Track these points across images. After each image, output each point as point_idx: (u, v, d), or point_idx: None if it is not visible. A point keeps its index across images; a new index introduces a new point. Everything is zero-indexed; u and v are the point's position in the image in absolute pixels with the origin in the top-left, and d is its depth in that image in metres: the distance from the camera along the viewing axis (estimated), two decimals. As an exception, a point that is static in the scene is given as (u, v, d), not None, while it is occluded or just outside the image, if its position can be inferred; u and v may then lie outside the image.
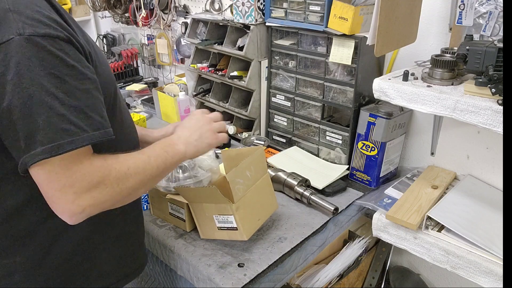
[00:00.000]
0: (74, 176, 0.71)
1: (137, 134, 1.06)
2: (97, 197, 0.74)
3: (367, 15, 1.37)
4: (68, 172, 0.71)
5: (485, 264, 1.09)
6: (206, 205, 1.14)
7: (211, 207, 1.12)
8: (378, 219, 1.30)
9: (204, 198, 1.13)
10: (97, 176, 0.74)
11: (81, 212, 0.73)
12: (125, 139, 0.96)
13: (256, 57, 1.69)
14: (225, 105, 1.87)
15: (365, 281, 1.63)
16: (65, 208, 0.72)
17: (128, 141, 0.98)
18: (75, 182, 0.71)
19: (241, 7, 1.64)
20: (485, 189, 1.38)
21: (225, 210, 1.10)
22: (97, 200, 0.74)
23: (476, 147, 1.40)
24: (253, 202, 1.16)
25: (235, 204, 1.08)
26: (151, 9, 2.32)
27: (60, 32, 0.71)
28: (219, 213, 1.12)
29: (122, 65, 2.58)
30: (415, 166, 1.58)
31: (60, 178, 0.70)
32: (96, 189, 0.73)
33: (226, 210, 1.10)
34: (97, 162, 0.75)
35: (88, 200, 0.73)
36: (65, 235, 0.88)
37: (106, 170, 0.75)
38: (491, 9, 1.16)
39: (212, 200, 1.11)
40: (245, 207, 1.12)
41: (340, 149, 1.56)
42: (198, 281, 1.14)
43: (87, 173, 0.72)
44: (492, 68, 0.98)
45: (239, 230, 1.12)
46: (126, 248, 1.02)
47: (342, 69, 1.48)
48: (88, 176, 0.72)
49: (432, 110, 1.11)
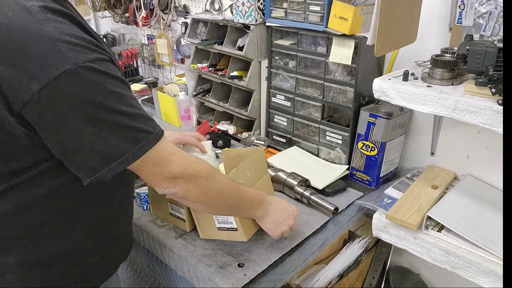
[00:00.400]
0: (171, 164, 0.84)
1: None
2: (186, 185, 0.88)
3: (367, 15, 1.37)
4: (165, 161, 0.83)
5: (485, 264, 1.09)
6: None
7: None
8: (378, 219, 1.30)
9: None
10: (191, 169, 0.87)
11: (174, 189, 0.87)
12: None
13: (256, 57, 1.69)
14: (225, 105, 1.87)
15: (365, 281, 1.63)
16: (162, 185, 0.86)
17: None
18: (172, 169, 0.84)
19: (241, 7, 1.64)
20: (485, 189, 1.38)
21: None
22: (185, 187, 0.88)
23: (476, 147, 1.40)
24: None
25: None
26: (151, 9, 2.32)
27: (103, 54, 0.76)
28: None
29: (122, 65, 2.58)
30: (415, 166, 1.58)
31: (159, 166, 0.83)
32: (188, 179, 0.87)
33: None
34: (190, 158, 0.89)
35: (180, 184, 0.87)
36: (61, 238, 0.89)
37: (199, 167, 0.89)
38: (491, 9, 1.16)
39: None
40: None
41: (340, 149, 1.56)
42: (198, 281, 1.14)
43: (181, 164, 0.85)
44: (492, 68, 0.98)
45: (239, 230, 1.12)
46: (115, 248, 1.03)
47: (342, 69, 1.48)
48: (182, 166, 0.86)
49: (432, 110, 1.11)
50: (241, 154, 1.24)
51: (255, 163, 1.16)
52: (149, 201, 1.33)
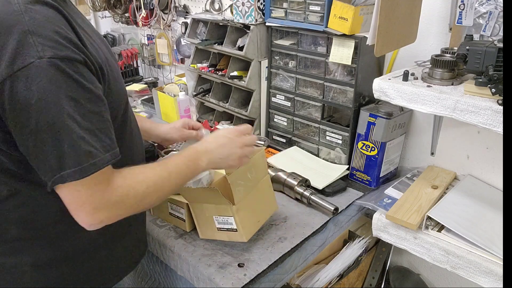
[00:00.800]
0: (94, 195, 0.76)
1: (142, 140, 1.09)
2: (114, 213, 0.80)
3: (367, 15, 1.37)
4: (89, 191, 0.75)
5: (485, 264, 1.09)
6: (206, 206, 1.13)
7: (211, 207, 1.12)
8: (378, 219, 1.30)
9: (204, 198, 1.13)
10: (115, 196, 0.79)
11: (99, 223, 0.79)
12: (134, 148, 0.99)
13: (256, 57, 1.69)
14: (225, 105, 1.87)
15: (365, 281, 1.63)
16: (85, 219, 0.78)
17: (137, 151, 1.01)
18: (94, 200, 0.76)
19: (241, 7, 1.64)
20: (485, 189, 1.38)
21: (225, 211, 1.10)
22: (114, 214, 0.80)
23: (476, 147, 1.40)
24: (253, 204, 1.16)
25: (235, 205, 1.08)
26: (151, 9, 2.32)
27: (77, 54, 0.73)
28: (219, 214, 1.12)
29: (122, 65, 2.58)
30: (415, 166, 1.58)
31: (81, 196, 0.75)
32: (114, 207, 0.79)
33: (226, 211, 1.10)
34: (117, 182, 0.80)
35: (106, 214, 0.79)
36: (73, 237, 0.89)
37: (125, 191, 0.80)
38: (491, 9, 1.16)
39: (212, 201, 1.11)
40: (246, 208, 1.12)
41: (340, 149, 1.56)
42: (198, 281, 1.14)
43: (106, 192, 0.77)
44: (492, 68, 0.98)
45: (239, 231, 1.12)
46: (125, 245, 1.03)
47: (342, 69, 1.48)
48: (107, 195, 0.77)
49: (432, 110, 1.11)
50: None
51: (256, 164, 1.16)
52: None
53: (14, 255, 0.86)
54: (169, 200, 1.24)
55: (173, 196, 1.23)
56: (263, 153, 1.22)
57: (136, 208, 0.85)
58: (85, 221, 0.78)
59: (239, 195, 1.09)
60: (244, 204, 1.12)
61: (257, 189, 1.17)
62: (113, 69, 0.87)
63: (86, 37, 0.79)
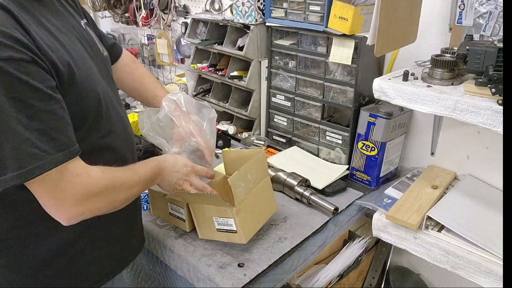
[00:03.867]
0: (75, 187, 0.77)
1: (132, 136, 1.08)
2: (94, 204, 0.82)
3: (367, 15, 1.37)
4: (69, 184, 0.77)
5: (485, 264, 1.09)
6: (206, 206, 1.13)
7: (211, 208, 1.12)
8: (378, 219, 1.30)
9: (204, 200, 1.13)
10: (96, 187, 0.81)
11: (79, 215, 0.81)
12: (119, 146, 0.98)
13: (256, 57, 1.69)
14: (225, 105, 1.87)
15: (365, 281, 1.63)
16: (65, 213, 0.79)
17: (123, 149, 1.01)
18: (76, 192, 0.78)
19: (241, 7, 1.64)
20: (485, 189, 1.38)
21: (225, 212, 1.10)
22: (94, 207, 0.82)
23: (476, 147, 1.40)
24: (253, 205, 1.16)
25: (235, 207, 1.08)
26: (151, 9, 2.32)
27: (23, 53, 0.70)
28: (219, 215, 1.12)
29: (122, 65, 2.58)
30: (415, 166, 1.58)
31: (62, 189, 0.76)
32: (94, 198, 0.81)
33: (226, 213, 1.10)
34: (95, 174, 0.82)
35: (87, 206, 0.80)
36: (50, 238, 0.89)
37: (105, 182, 0.83)
38: (491, 9, 1.16)
39: (213, 202, 1.11)
40: (246, 210, 1.12)
41: (340, 149, 1.56)
42: (198, 281, 1.14)
43: (87, 184, 0.79)
44: (492, 68, 0.98)
45: (238, 233, 1.12)
46: (111, 249, 1.03)
47: (342, 69, 1.48)
48: (88, 187, 0.79)
49: (432, 110, 1.11)
50: (241, 155, 1.24)
51: (256, 166, 1.16)
52: (149, 201, 1.33)
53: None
54: (169, 200, 1.24)
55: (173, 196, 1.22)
56: (263, 154, 1.22)
57: (112, 203, 0.87)
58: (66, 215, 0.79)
59: (239, 196, 1.09)
60: (244, 206, 1.12)
61: (257, 190, 1.17)
62: (87, 68, 0.86)
63: (46, 36, 0.77)
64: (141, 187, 0.95)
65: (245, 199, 1.11)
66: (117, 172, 0.88)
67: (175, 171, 1.08)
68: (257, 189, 1.17)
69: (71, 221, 0.80)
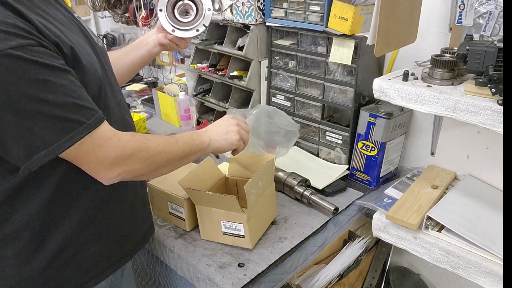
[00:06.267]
0: (107, 151, 0.81)
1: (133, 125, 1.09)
2: (129, 165, 0.85)
3: (367, 15, 1.37)
4: (101, 148, 0.80)
5: (485, 264, 1.09)
6: (216, 210, 1.13)
7: (221, 212, 1.13)
8: (378, 219, 1.30)
9: (215, 203, 1.13)
10: (127, 149, 0.84)
11: (116, 176, 0.84)
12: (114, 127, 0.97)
13: (256, 57, 1.69)
14: (225, 105, 1.87)
15: (365, 281, 1.63)
16: (104, 175, 0.84)
17: None
18: (109, 155, 0.82)
19: (241, 7, 1.64)
20: (485, 189, 1.38)
21: (235, 217, 1.11)
22: (129, 168, 0.85)
23: (476, 147, 1.40)
24: (260, 211, 1.17)
25: (247, 214, 1.09)
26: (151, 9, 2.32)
27: (29, 39, 0.73)
28: (228, 219, 1.13)
29: (122, 65, 2.58)
30: (415, 166, 1.58)
31: (96, 154, 0.80)
32: (128, 159, 0.84)
33: (236, 218, 1.11)
34: (125, 137, 0.85)
35: (122, 167, 0.84)
36: (57, 229, 0.89)
37: (136, 144, 0.86)
38: (491, 9, 1.16)
39: (224, 207, 1.11)
40: (255, 216, 1.13)
41: (340, 149, 1.56)
42: (198, 281, 1.14)
43: (118, 147, 0.83)
44: (492, 68, 0.98)
45: (246, 238, 1.13)
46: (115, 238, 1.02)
47: (342, 69, 1.48)
48: (119, 149, 0.83)
49: (432, 110, 1.11)
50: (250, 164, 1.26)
51: (266, 173, 1.17)
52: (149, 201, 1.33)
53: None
54: (169, 200, 1.24)
55: (173, 194, 1.22)
56: (273, 161, 1.22)
57: (149, 164, 0.88)
58: (104, 176, 0.83)
59: (251, 203, 1.10)
60: (254, 212, 1.13)
61: (264, 197, 1.18)
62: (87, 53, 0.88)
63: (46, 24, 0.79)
64: (182, 150, 0.96)
65: (255, 205, 1.12)
66: (150, 136, 0.92)
67: (220, 124, 1.09)
68: (265, 195, 1.18)
69: (111, 181, 0.85)
